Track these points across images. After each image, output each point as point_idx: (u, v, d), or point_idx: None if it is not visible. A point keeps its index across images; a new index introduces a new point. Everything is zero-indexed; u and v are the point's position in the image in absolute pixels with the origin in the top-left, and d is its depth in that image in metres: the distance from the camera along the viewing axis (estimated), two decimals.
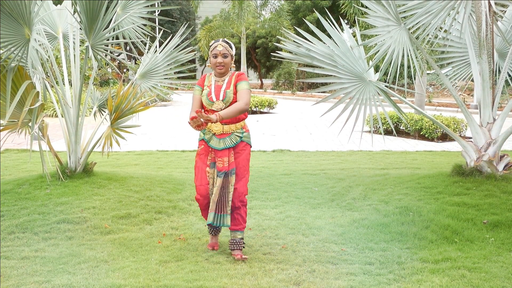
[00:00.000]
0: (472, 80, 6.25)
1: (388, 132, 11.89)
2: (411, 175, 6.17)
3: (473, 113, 9.09)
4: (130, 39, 6.42)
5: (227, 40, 3.96)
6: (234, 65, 4.04)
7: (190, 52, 6.57)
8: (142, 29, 6.52)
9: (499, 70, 6.01)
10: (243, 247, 4.01)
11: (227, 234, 4.41)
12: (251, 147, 4.07)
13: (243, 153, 3.97)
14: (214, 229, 4.17)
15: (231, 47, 3.93)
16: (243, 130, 3.99)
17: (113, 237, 4.40)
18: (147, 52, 6.51)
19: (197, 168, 3.99)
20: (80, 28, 5.37)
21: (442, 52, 6.83)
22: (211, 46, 3.95)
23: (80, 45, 6.12)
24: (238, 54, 29.98)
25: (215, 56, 3.88)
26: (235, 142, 3.93)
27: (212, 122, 3.68)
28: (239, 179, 3.95)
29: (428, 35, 5.36)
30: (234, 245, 3.98)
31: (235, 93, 3.89)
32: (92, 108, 6.55)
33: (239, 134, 3.95)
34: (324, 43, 5.63)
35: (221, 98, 3.85)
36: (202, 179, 3.95)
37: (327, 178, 6.71)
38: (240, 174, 3.96)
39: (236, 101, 3.86)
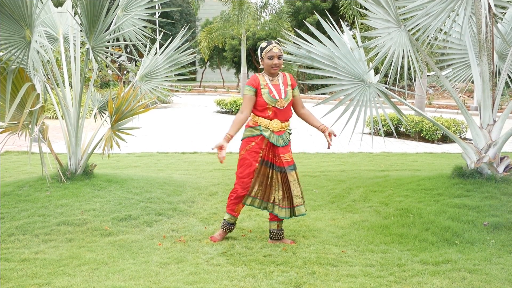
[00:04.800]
0: (472, 82, 6.25)
1: (388, 134, 11.89)
2: (411, 177, 6.17)
3: (473, 115, 9.07)
4: (131, 41, 6.42)
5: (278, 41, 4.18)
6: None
7: (190, 54, 6.58)
8: (143, 31, 6.53)
9: (499, 72, 6.01)
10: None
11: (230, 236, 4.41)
12: None
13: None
14: (232, 226, 4.37)
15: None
16: (290, 127, 4.30)
17: (113, 239, 4.40)
18: (148, 54, 6.52)
19: (246, 164, 4.16)
20: (81, 30, 5.38)
21: (442, 54, 6.83)
22: (265, 48, 4.07)
23: (80, 47, 6.13)
24: (238, 56, 29.97)
25: (271, 58, 4.05)
26: (289, 139, 4.24)
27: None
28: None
29: (428, 37, 5.36)
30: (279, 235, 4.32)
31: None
32: (93, 110, 6.55)
33: (289, 131, 4.26)
34: (325, 45, 5.63)
35: (283, 96, 4.11)
36: (250, 174, 4.15)
37: (327, 180, 6.71)
38: None
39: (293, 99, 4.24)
